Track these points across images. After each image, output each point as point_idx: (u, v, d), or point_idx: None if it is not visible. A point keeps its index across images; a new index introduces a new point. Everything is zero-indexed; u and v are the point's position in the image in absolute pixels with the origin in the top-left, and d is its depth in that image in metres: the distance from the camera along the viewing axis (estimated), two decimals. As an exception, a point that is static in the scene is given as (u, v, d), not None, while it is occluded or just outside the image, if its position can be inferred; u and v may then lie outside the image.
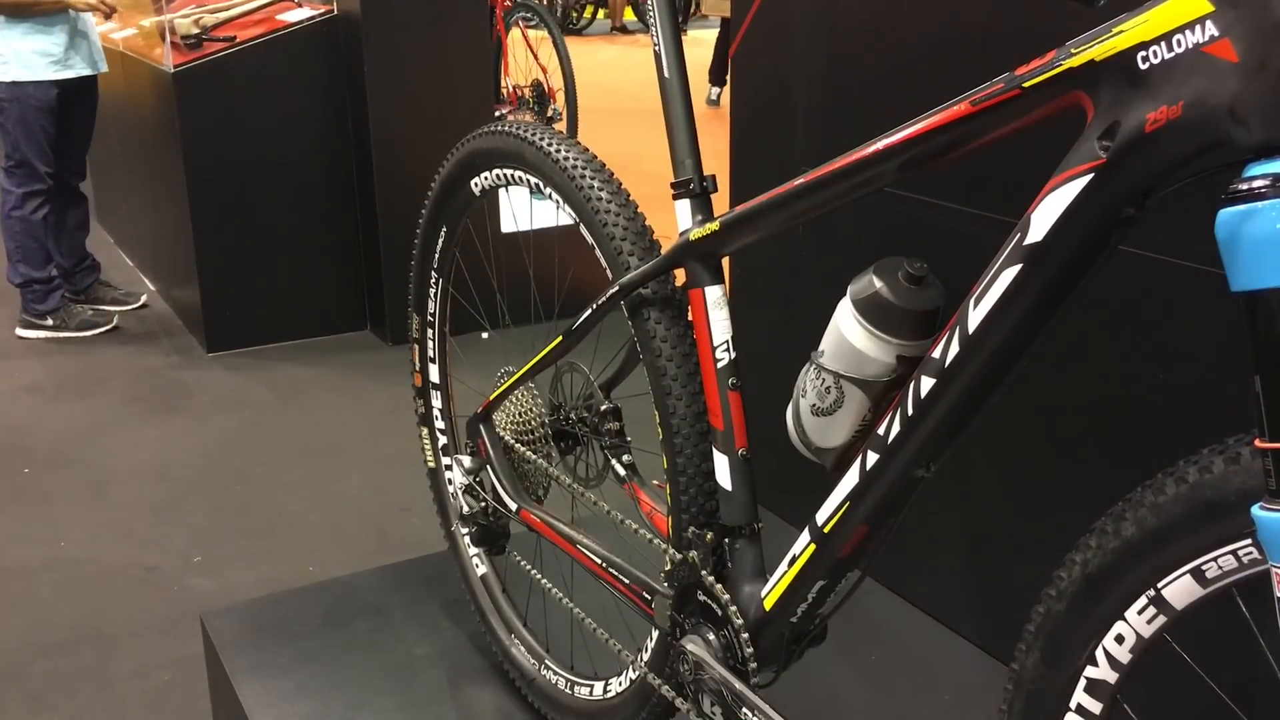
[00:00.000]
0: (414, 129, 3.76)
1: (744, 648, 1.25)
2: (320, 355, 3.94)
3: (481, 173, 1.63)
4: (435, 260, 1.80)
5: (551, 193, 1.47)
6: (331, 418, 3.45)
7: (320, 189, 3.95)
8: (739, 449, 1.27)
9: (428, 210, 1.77)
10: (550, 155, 1.45)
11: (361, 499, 2.92)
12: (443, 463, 1.94)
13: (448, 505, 1.93)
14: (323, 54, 3.85)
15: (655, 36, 1.33)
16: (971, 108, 0.94)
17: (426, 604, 2.04)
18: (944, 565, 1.96)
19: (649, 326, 1.33)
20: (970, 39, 1.72)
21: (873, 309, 1.07)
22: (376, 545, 2.63)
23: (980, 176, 1.71)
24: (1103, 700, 0.92)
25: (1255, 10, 0.72)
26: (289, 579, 2.40)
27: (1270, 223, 0.71)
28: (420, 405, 1.95)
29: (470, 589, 1.89)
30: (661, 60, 1.33)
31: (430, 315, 1.87)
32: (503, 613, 1.85)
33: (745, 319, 2.29)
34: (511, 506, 1.66)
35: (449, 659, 1.89)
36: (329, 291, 4.06)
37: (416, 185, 2.15)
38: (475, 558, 1.89)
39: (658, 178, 1.31)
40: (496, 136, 1.56)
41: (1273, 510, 0.72)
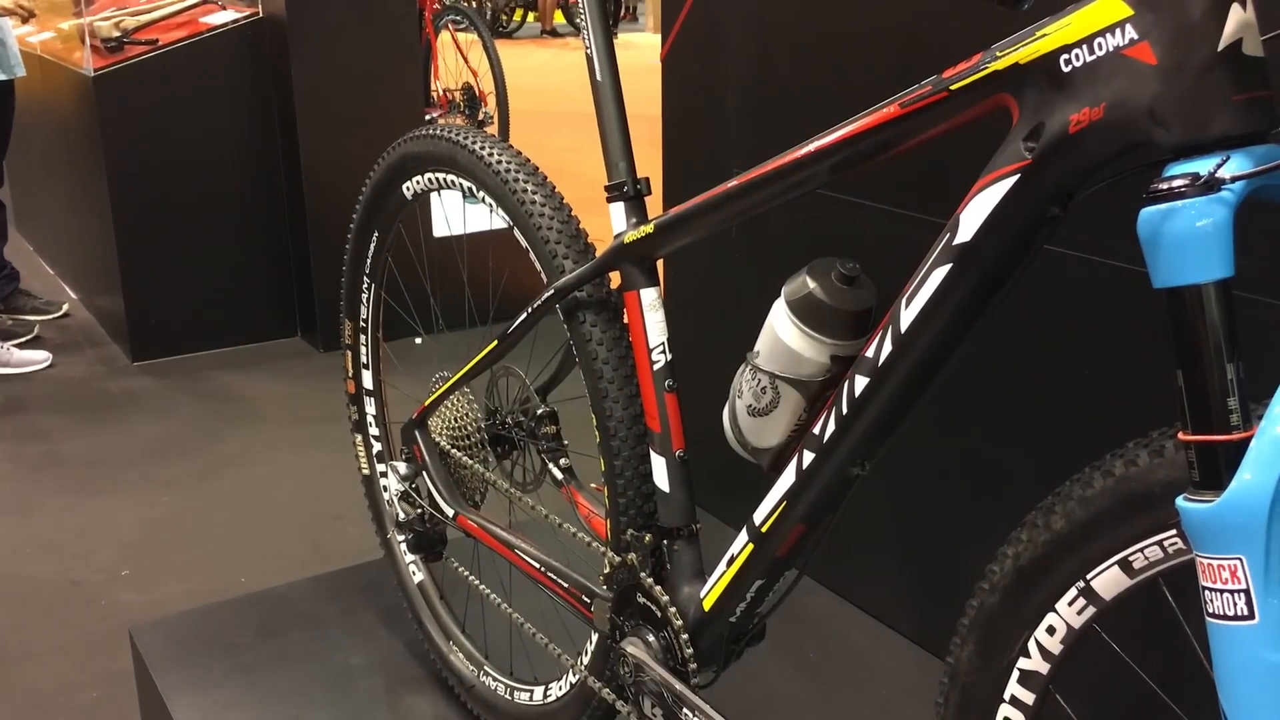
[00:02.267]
0: (343, 133, 3.72)
1: (684, 648, 1.25)
2: (250, 363, 3.87)
3: (413, 177, 1.61)
4: (367, 265, 1.79)
5: (485, 196, 1.47)
6: (262, 426, 3.39)
7: (248, 194, 3.89)
8: (676, 450, 1.28)
9: (359, 215, 1.75)
10: (483, 159, 1.45)
11: (294, 508, 2.88)
12: (377, 470, 1.92)
13: (383, 512, 1.91)
14: (248, 57, 3.79)
15: (587, 40, 1.33)
16: (900, 110, 0.95)
17: (362, 613, 2.02)
18: (880, 562, 1.99)
19: (585, 329, 1.32)
20: (898, 42, 1.74)
21: (807, 309, 1.08)
22: (310, 555, 2.59)
23: (910, 178, 1.74)
24: (1035, 691, 0.94)
25: (1172, 14, 0.74)
26: (221, 591, 2.36)
27: (1189, 221, 0.72)
28: (353, 412, 1.93)
29: (407, 596, 1.87)
30: (594, 63, 1.33)
31: (363, 321, 1.85)
32: (440, 620, 1.83)
33: (681, 321, 2.29)
34: (448, 512, 1.65)
35: (386, 668, 1.87)
36: (258, 298, 4.00)
37: (347, 190, 2.12)
38: (412, 565, 1.88)
39: (591, 181, 1.31)
40: (428, 140, 1.55)
41: (1196, 501, 0.74)
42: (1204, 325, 0.73)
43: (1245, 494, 0.70)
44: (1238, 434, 0.73)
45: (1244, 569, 0.71)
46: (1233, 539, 0.71)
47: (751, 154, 1.15)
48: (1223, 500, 0.72)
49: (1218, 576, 0.73)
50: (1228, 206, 0.72)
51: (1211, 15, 0.73)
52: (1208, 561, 0.73)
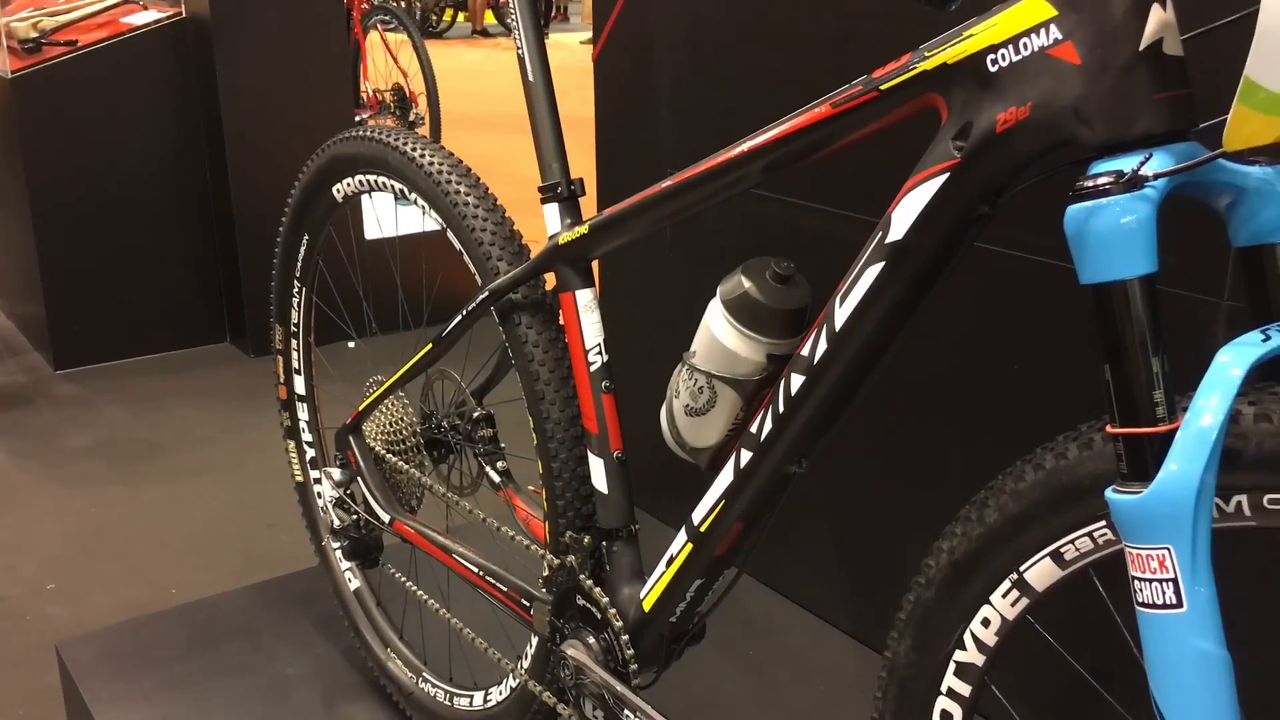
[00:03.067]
0: (271, 134, 3.66)
1: (624, 649, 1.25)
2: (178, 369, 3.80)
3: (343, 179, 1.59)
4: (297, 269, 1.76)
5: (417, 198, 1.45)
6: (191, 434, 3.33)
7: (173, 197, 3.81)
8: (614, 451, 1.28)
9: (288, 218, 1.73)
10: (415, 160, 1.43)
11: (226, 517, 2.82)
12: (311, 476, 1.90)
13: (317, 519, 1.89)
14: (172, 58, 3.71)
15: (518, 40, 1.33)
16: (832, 109, 0.96)
17: (297, 622, 1.99)
18: (818, 559, 2.00)
19: (520, 331, 1.32)
20: (829, 42, 1.75)
21: (742, 309, 1.08)
22: (243, 564, 2.55)
23: (843, 176, 1.75)
24: (971, 682, 0.95)
25: (1095, 14, 0.76)
26: (150, 603, 2.30)
27: (1114, 218, 0.74)
28: (286, 418, 1.90)
29: (343, 604, 1.85)
30: (525, 64, 1.32)
31: (294, 326, 1.82)
32: (378, 627, 1.81)
33: (617, 321, 2.30)
34: (384, 518, 1.63)
35: (323, 677, 1.84)
36: (185, 303, 3.92)
37: (275, 192, 2.09)
38: (348, 572, 1.85)
39: (525, 182, 1.30)
40: (358, 142, 1.53)
41: (1124, 493, 0.75)
42: (1129, 320, 0.75)
43: (1172, 485, 0.72)
44: (1163, 426, 0.74)
45: (1172, 558, 0.73)
46: (1160, 529, 0.73)
47: (685, 154, 1.15)
48: (1150, 491, 0.73)
49: (1146, 566, 0.74)
50: (1151, 203, 0.73)
51: (1133, 15, 0.74)
52: (1136, 551, 0.75)
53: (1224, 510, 0.76)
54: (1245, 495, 0.74)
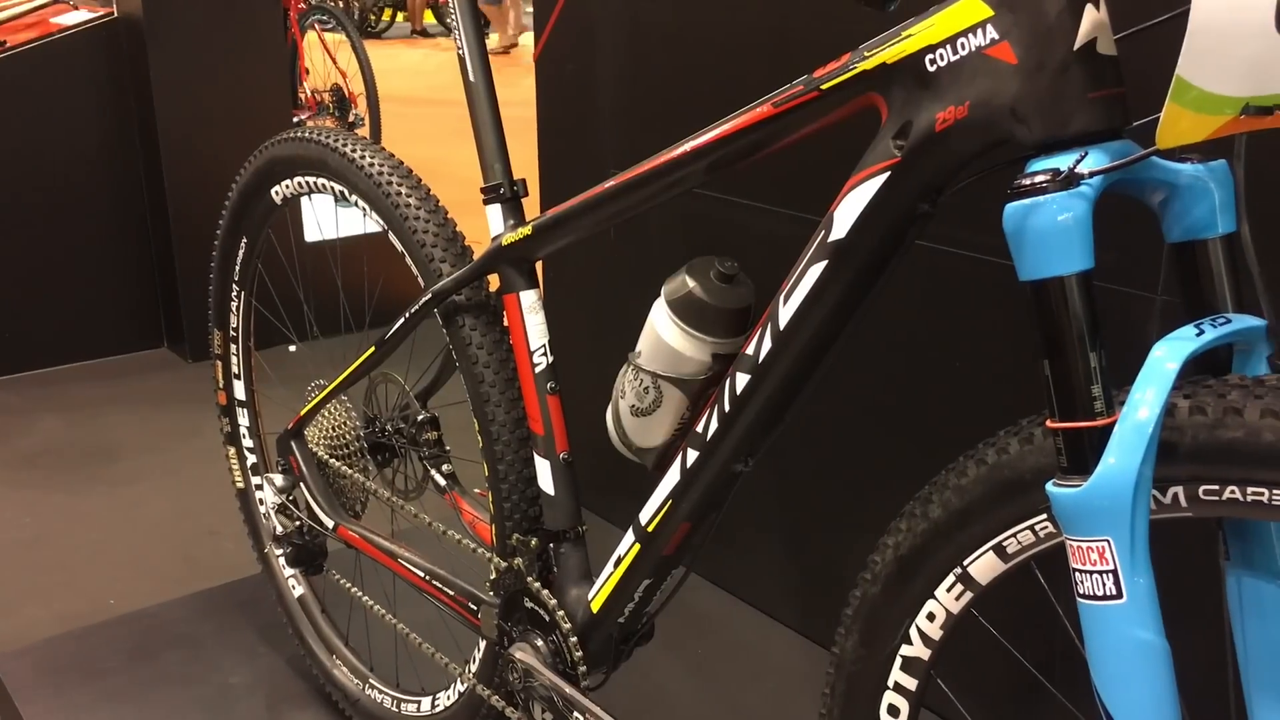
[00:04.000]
0: (207, 136, 3.60)
1: (573, 651, 1.24)
2: (114, 376, 3.72)
3: (282, 181, 1.57)
4: (236, 272, 1.73)
5: (357, 200, 1.44)
6: (129, 441, 3.27)
7: (107, 200, 3.74)
8: (560, 453, 1.27)
9: (225, 220, 1.70)
10: (355, 161, 1.42)
11: (165, 525, 2.77)
12: (253, 482, 1.87)
13: (260, 526, 1.86)
14: (104, 59, 3.64)
15: (459, 40, 1.31)
16: (773, 109, 0.96)
17: (241, 630, 1.96)
18: (766, 557, 2.01)
19: (464, 333, 1.31)
20: (770, 41, 1.76)
21: (687, 308, 1.09)
22: (184, 572, 2.50)
23: (787, 176, 1.76)
24: (918, 676, 0.96)
25: (1030, 14, 0.76)
26: (89, 614, 2.26)
27: (1051, 215, 0.75)
28: (226, 424, 1.87)
29: (287, 611, 1.83)
30: (466, 64, 1.31)
31: (233, 330, 1.80)
32: (323, 634, 1.79)
33: (561, 322, 2.29)
34: (328, 524, 1.61)
35: (267, 686, 1.82)
36: (121, 308, 3.84)
37: (213, 195, 2.06)
38: (291, 579, 1.83)
39: (467, 182, 1.29)
40: (297, 143, 1.51)
41: (1064, 486, 0.76)
42: (1067, 316, 0.76)
43: (1110, 478, 0.73)
44: (1102, 420, 0.75)
45: (1111, 550, 0.74)
46: (1100, 521, 0.74)
47: (629, 154, 1.15)
48: (1089, 484, 0.74)
49: (1087, 558, 0.75)
50: (1087, 201, 0.75)
51: (1067, 15, 0.75)
52: (1077, 544, 0.76)
53: (1161, 502, 0.77)
54: (1181, 487, 0.76)
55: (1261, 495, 0.72)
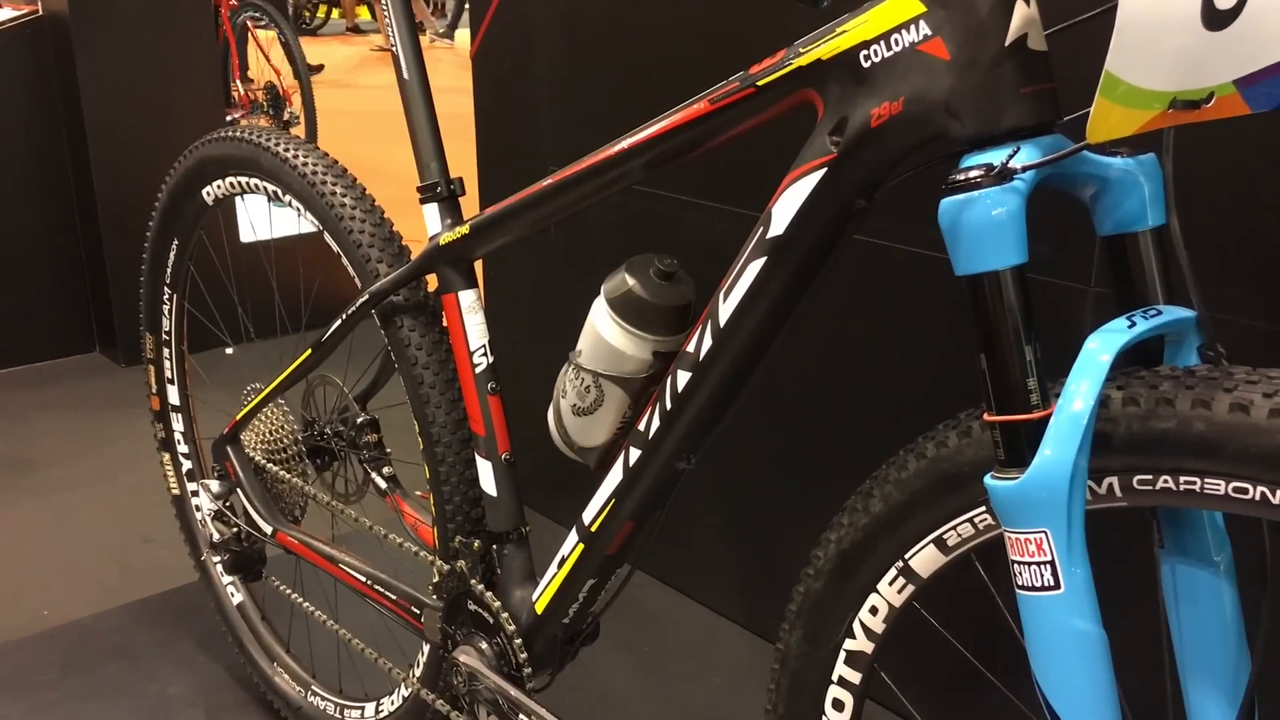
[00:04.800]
0: (137, 135, 3.53)
1: (518, 653, 1.24)
2: (45, 381, 3.64)
3: (213, 181, 1.54)
4: (167, 274, 1.70)
5: (291, 200, 1.41)
6: (60, 448, 3.19)
7: (34, 202, 3.65)
8: (502, 454, 1.26)
9: (156, 222, 1.67)
10: (287, 161, 1.39)
11: (99, 533, 2.72)
12: (188, 489, 1.84)
13: (196, 533, 1.83)
14: (29, 58, 3.55)
15: (392, 38, 1.30)
16: (710, 106, 0.96)
17: (178, 640, 1.93)
18: (710, 553, 2.01)
19: (403, 334, 1.29)
20: (707, 38, 1.76)
21: (627, 306, 1.08)
22: (119, 581, 2.45)
23: (726, 172, 1.77)
24: (862, 670, 0.96)
25: (962, 10, 0.77)
26: (21, 626, 2.20)
27: (985, 210, 0.75)
28: (160, 430, 1.84)
29: (226, 619, 1.80)
30: (400, 62, 1.29)
31: (165, 333, 1.76)
32: (263, 641, 1.76)
33: (501, 322, 2.28)
34: (266, 530, 1.58)
35: (206, 695, 1.79)
36: (51, 312, 3.76)
37: (143, 195, 2.02)
38: (230, 586, 1.80)
39: (404, 181, 1.28)
40: (228, 143, 1.49)
41: (1002, 479, 0.77)
42: (1003, 310, 0.77)
43: (1047, 470, 0.74)
44: (1038, 413, 0.76)
45: (1049, 541, 0.75)
46: (1037, 513, 0.75)
47: (567, 151, 1.15)
48: (1027, 477, 0.75)
49: (1025, 550, 0.76)
50: (1020, 195, 0.75)
51: (998, 11, 0.76)
52: (1015, 536, 0.77)
53: (1096, 492, 0.78)
54: (1116, 477, 0.77)
55: (1194, 484, 0.73)
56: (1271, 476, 0.69)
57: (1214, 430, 0.71)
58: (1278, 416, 0.68)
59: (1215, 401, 0.71)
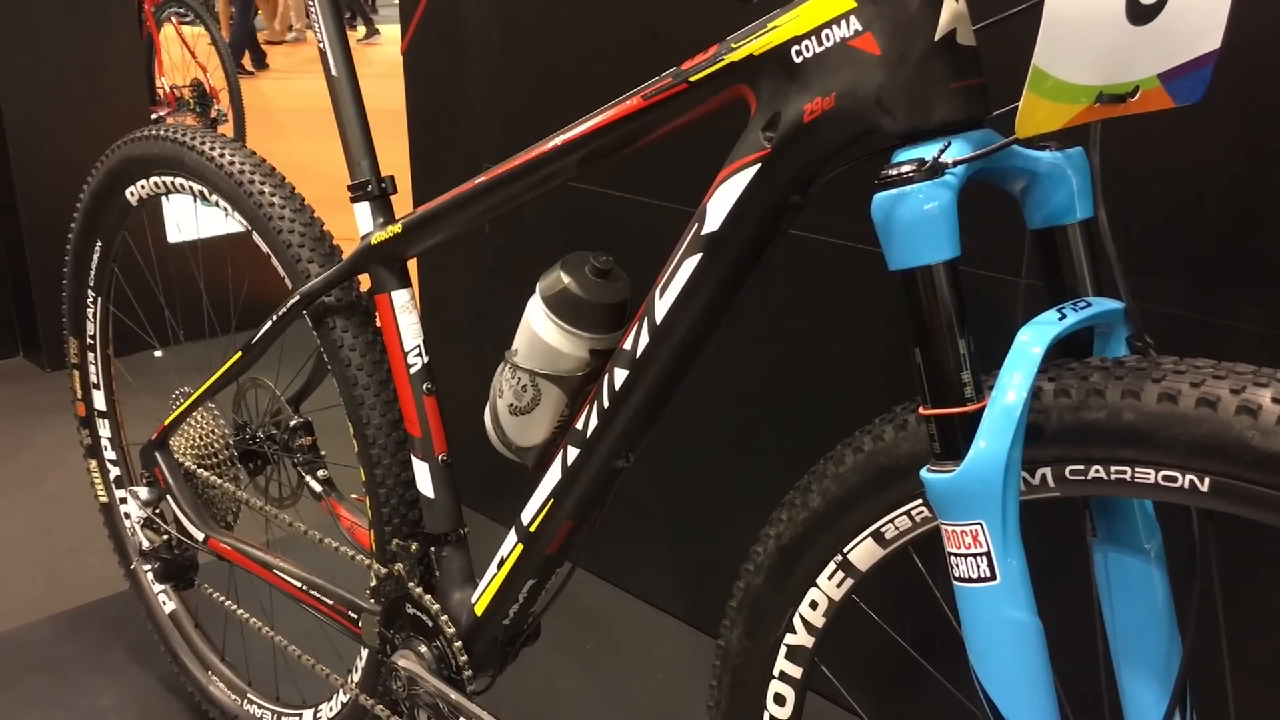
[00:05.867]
0: (59, 134, 3.44)
1: (457, 656, 1.22)
2: (-34, 388, 3.54)
3: (137, 181, 1.51)
4: (91, 277, 1.66)
5: (218, 200, 1.38)
6: (-17, 456, 3.11)
7: (-49, 204, 3.55)
8: (439, 455, 1.25)
9: (78, 223, 1.62)
10: (213, 160, 1.36)
11: (25, 542, 2.65)
12: (116, 496, 1.79)
13: (126, 541, 1.79)
14: (-58, 54, 3.45)
15: (319, 34, 1.28)
16: (643, 102, 0.95)
17: (109, 650, 1.88)
18: (651, 550, 2.01)
19: (335, 335, 1.27)
20: (640, 33, 1.76)
21: (562, 304, 1.07)
22: (47, 592, 2.39)
23: (660, 168, 1.76)
24: (802, 664, 0.97)
25: (893, 6, 0.77)
26: (-57, 641, 2.14)
27: (918, 205, 0.76)
28: (86, 436, 1.79)
29: (158, 628, 1.76)
30: (328, 58, 1.27)
31: (90, 338, 1.72)
32: (197, 650, 1.73)
33: (436, 322, 2.26)
34: (198, 536, 1.55)
35: (139, 707, 1.75)
36: (-29, 317, 3.66)
37: (66, 196, 1.96)
38: (161, 594, 1.76)
39: (336, 180, 1.26)
40: (151, 141, 1.45)
41: (938, 472, 0.77)
42: (936, 304, 0.77)
43: (982, 462, 0.74)
44: (972, 406, 0.77)
45: (984, 533, 0.75)
46: (973, 505, 0.75)
47: (502, 148, 1.13)
48: (962, 469, 0.75)
49: (961, 542, 0.77)
50: (951, 190, 0.76)
51: (927, 7, 0.76)
52: (951, 528, 0.77)
53: (1030, 483, 0.79)
54: (1049, 468, 0.78)
55: (1124, 473, 0.74)
56: (1199, 464, 0.70)
57: (1143, 420, 0.72)
58: (1204, 406, 0.69)
59: (1144, 392, 0.72)
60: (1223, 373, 0.71)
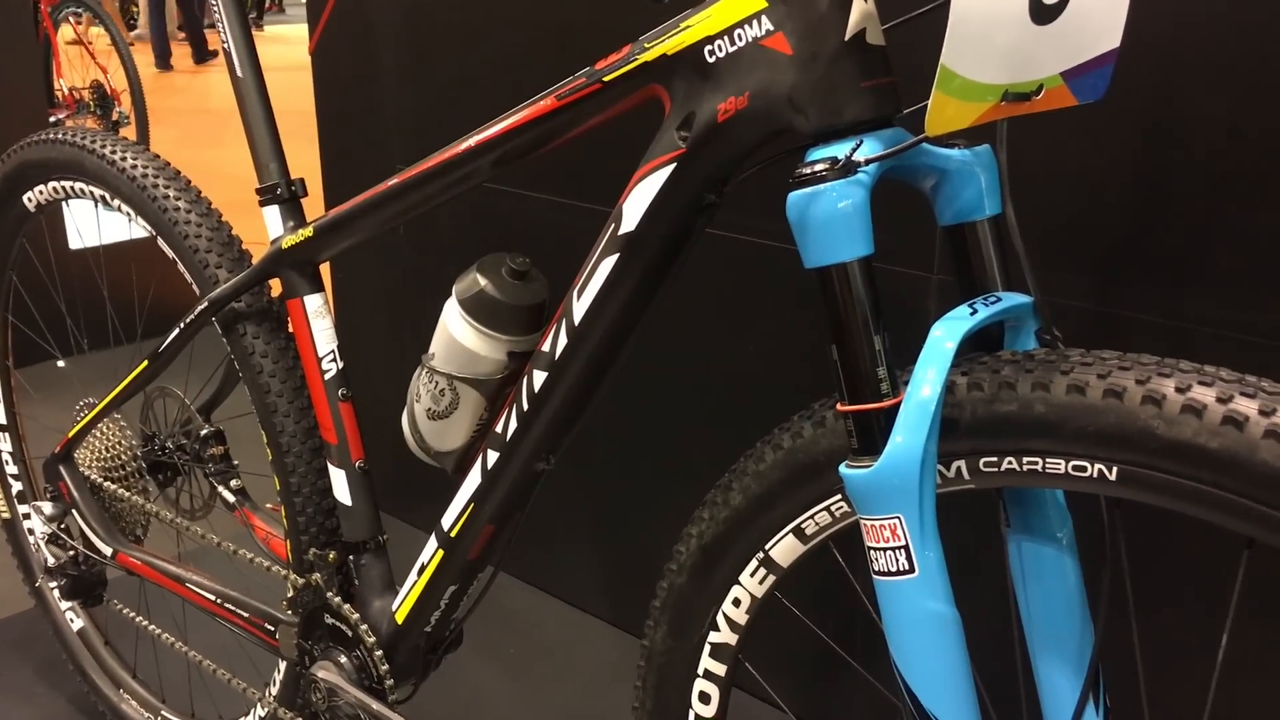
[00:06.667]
0: (-50, 138, 3.33)
1: (378, 665, 1.20)
2: None
3: (35, 186, 1.46)
4: (-13, 286, 1.60)
5: (121, 205, 1.35)
6: (-124, 474, 2.98)
7: None
8: (356, 461, 1.23)
9: (-28, 231, 1.57)
10: (115, 164, 1.33)
11: (-77, 563, 2.55)
12: (19, 512, 1.73)
13: (30, 558, 1.73)
14: None
15: (223, 34, 1.25)
16: (557, 102, 0.95)
17: (15, 670, 1.82)
18: (574, 552, 2.00)
19: (246, 342, 1.24)
20: (553, 33, 1.75)
21: (479, 307, 1.06)
22: (-53, 613, 2.31)
23: (577, 168, 1.76)
24: (727, 662, 0.97)
25: (803, 6, 0.78)
26: None
27: (831, 203, 0.76)
28: (-15, 451, 1.73)
29: (66, 647, 1.71)
30: (232, 58, 1.24)
31: (-12, 348, 1.66)
32: (107, 667, 1.68)
33: (351, 326, 2.23)
34: (106, 551, 1.51)
35: (48, 729, 1.69)
36: None
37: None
38: (69, 611, 1.71)
39: (246, 183, 1.23)
40: (49, 145, 1.41)
41: (856, 467, 0.78)
42: (851, 301, 0.78)
43: (898, 456, 0.75)
44: (888, 401, 0.78)
45: (902, 527, 0.76)
46: (890, 499, 0.76)
47: (416, 150, 1.12)
48: (879, 464, 0.76)
49: (880, 536, 0.77)
50: (864, 188, 0.76)
51: (837, 7, 0.77)
52: (870, 522, 0.78)
53: (946, 476, 0.80)
54: (964, 460, 0.79)
55: (1036, 464, 0.76)
56: (1107, 454, 0.72)
57: (1053, 411, 0.73)
58: (1111, 396, 0.71)
59: (1053, 384, 0.74)
60: (1128, 364, 0.73)
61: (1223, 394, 0.68)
